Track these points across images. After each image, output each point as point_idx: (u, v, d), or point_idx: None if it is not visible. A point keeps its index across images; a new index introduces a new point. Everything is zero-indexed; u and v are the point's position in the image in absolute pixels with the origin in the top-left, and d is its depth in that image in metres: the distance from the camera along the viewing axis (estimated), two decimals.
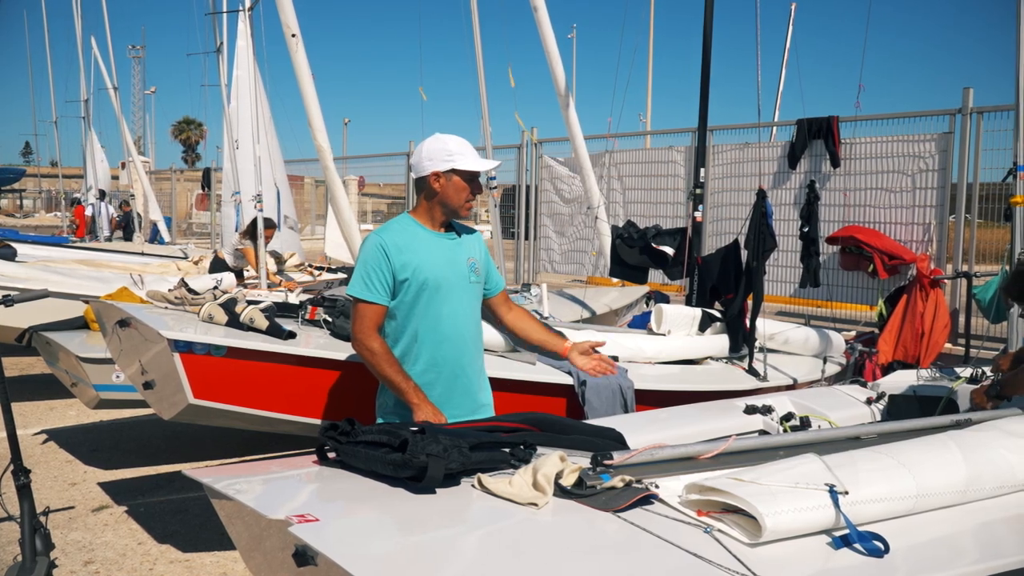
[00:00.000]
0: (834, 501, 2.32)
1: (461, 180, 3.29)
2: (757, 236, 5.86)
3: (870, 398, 4.29)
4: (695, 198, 7.34)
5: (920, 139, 8.92)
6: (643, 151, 12.25)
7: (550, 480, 2.38)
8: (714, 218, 10.75)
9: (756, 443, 3.04)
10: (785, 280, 9.97)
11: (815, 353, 6.32)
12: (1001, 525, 2.66)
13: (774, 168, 10.04)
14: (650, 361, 5.71)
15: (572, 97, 8.35)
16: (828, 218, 9.37)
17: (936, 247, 8.73)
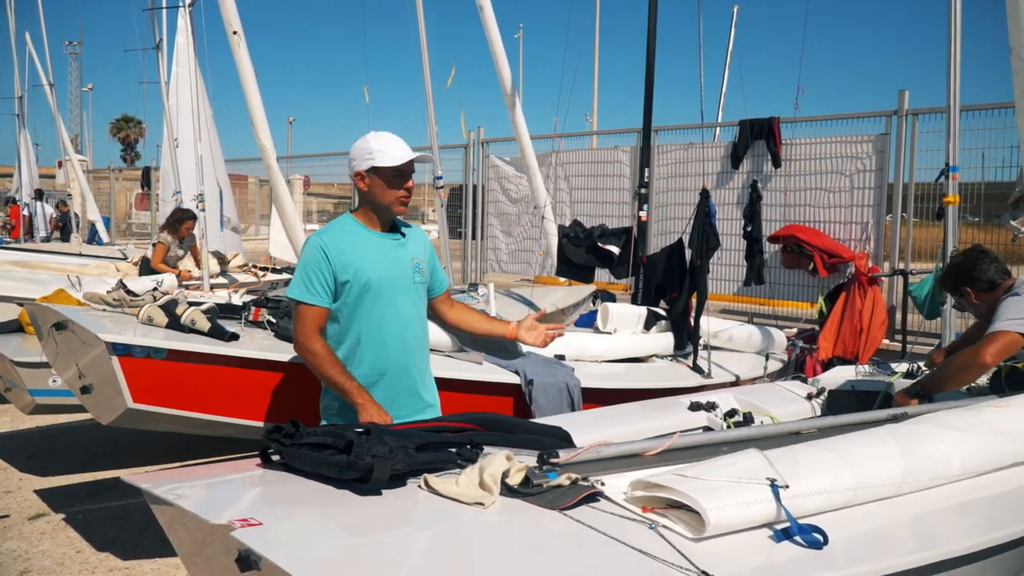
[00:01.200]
0: (775, 495, 2.36)
1: (384, 177, 3.24)
2: (701, 235, 5.94)
3: (810, 393, 4.38)
4: (640, 198, 7.41)
5: (858, 140, 9.12)
6: (589, 151, 12.32)
7: (496, 479, 2.38)
8: (659, 217, 10.85)
9: (700, 439, 3.08)
10: (729, 278, 10.12)
11: (758, 350, 6.43)
12: (936, 516, 2.73)
13: (717, 168, 10.18)
14: (596, 360, 5.76)
15: (519, 97, 8.36)
16: (770, 217, 9.53)
17: (873, 245, 8.93)
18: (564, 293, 9.43)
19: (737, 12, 22.48)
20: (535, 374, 4.98)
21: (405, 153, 3.25)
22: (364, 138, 3.27)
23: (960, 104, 4.58)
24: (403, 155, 3.24)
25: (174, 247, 9.44)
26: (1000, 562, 2.76)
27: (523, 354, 5.32)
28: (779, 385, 4.64)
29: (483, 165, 13.43)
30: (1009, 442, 3.17)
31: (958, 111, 4.54)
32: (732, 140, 10.06)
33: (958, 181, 4.52)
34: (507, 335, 3.64)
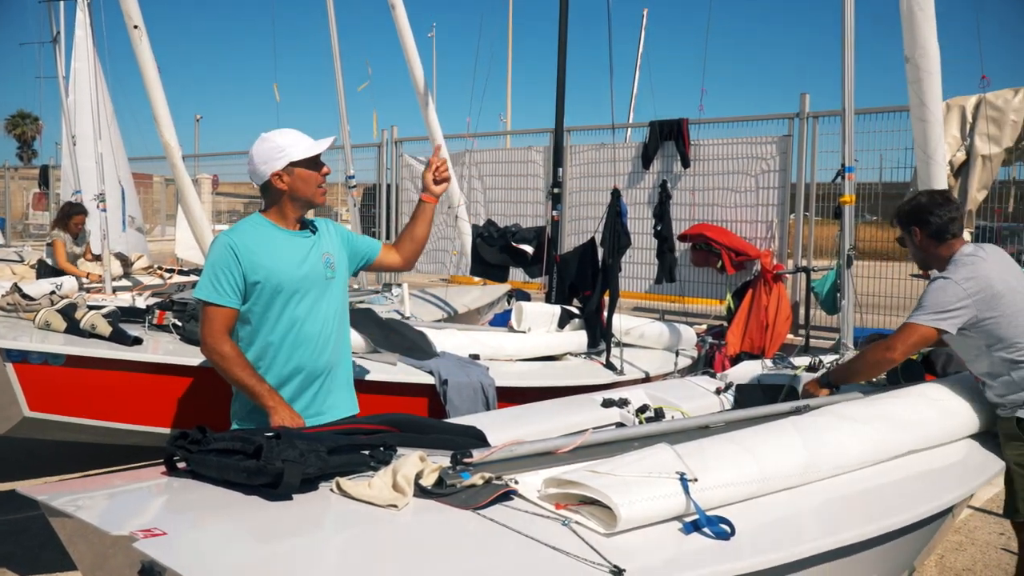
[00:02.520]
0: (684, 488, 2.42)
1: (304, 170, 3.20)
2: (612, 234, 6.02)
3: (719, 388, 4.49)
4: (553, 197, 7.46)
5: (762, 141, 9.40)
6: (503, 151, 12.35)
7: (410, 481, 2.37)
8: (572, 217, 10.96)
9: (612, 435, 3.12)
10: (640, 276, 10.29)
11: (668, 346, 6.55)
12: (837, 504, 2.84)
13: (629, 168, 10.34)
14: (511, 358, 5.78)
15: (432, 96, 8.32)
16: (679, 216, 9.73)
17: (778, 243, 9.22)
18: (479, 293, 9.46)
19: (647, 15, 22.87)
20: (449, 374, 4.96)
21: (315, 142, 3.24)
22: (266, 139, 3.20)
23: (855, 107, 4.74)
24: (314, 144, 3.22)
25: (70, 244, 9.05)
26: (898, 546, 2.89)
27: (438, 354, 5.30)
28: (689, 380, 4.73)
29: (397, 164, 13.33)
30: (903, 432, 3.32)
31: (852, 114, 4.71)
32: (643, 141, 10.22)
33: (854, 181, 4.69)
34: (426, 201, 3.53)
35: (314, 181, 3.23)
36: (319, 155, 3.24)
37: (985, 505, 5.19)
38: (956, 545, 4.61)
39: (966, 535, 4.75)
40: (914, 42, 4.70)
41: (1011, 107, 7.52)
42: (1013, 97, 7.55)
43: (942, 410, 3.59)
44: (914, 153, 5.15)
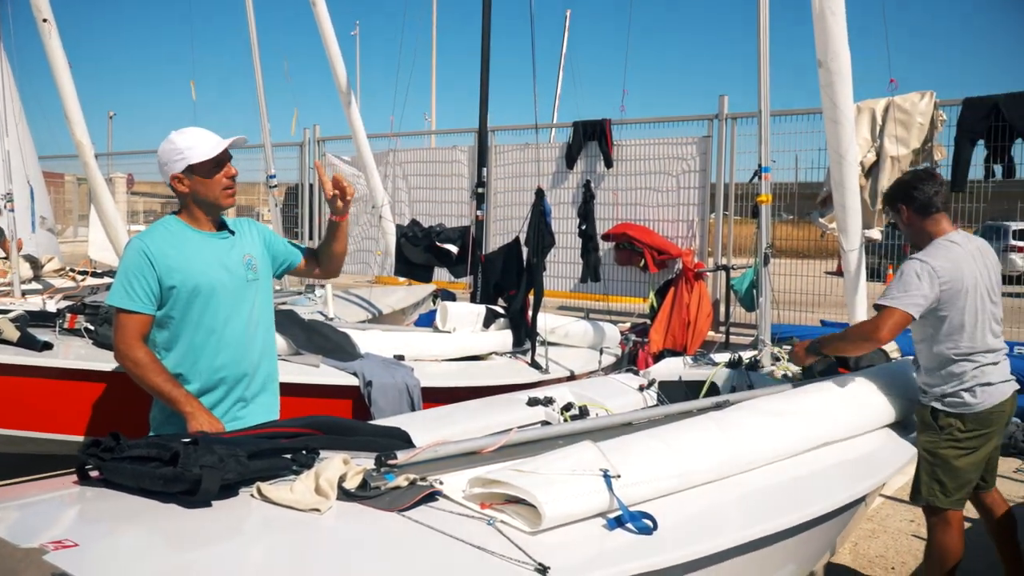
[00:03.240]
0: (608, 485, 2.45)
1: (203, 173, 3.09)
2: (536, 234, 6.06)
3: (642, 385, 4.56)
4: (478, 197, 7.47)
5: (683, 142, 9.57)
6: (427, 150, 12.31)
7: (333, 484, 2.33)
8: (497, 217, 10.98)
9: (537, 434, 3.14)
10: (565, 276, 10.37)
11: (593, 345, 6.62)
12: (756, 496, 2.91)
13: (553, 168, 10.41)
14: (436, 359, 5.77)
15: (355, 95, 8.24)
16: (603, 216, 9.84)
17: (699, 242, 9.41)
18: (404, 293, 9.40)
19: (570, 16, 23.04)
20: (374, 375, 4.92)
21: (216, 143, 3.10)
22: (168, 140, 3.10)
23: (770, 109, 4.87)
24: (215, 146, 3.08)
25: None
26: (814, 535, 2.98)
27: (362, 355, 5.25)
28: (613, 378, 4.79)
29: None
30: (818, 424, 3.43)
31: (768, 116, 4.84)
32: (566, 141, 10.31)
33: (770, 181, 4.82)
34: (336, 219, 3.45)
35: (217, 184, 3.11)
36: (224, 155, 3.11)
37: (896, 494, 5.39)
38: (869, 532, 4.77)
39: (878, 523, 4.92)
40: (826, 46, 4.85)
41: (918, 110, 7.83)
42: (919, 100, 7.86)
43: (856, 403, 3.71)
44: (827, 154, 5.31)
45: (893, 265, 10.48)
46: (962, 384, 3.52)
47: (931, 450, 3.58)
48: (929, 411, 3.59)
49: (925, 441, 3.61)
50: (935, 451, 3.57)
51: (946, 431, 3.55)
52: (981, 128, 7.74)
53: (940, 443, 3.56)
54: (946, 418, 3.54)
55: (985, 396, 3.52)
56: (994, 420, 3.56)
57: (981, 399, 3.52)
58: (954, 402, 3.53)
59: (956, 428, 3.53)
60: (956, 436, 3.54)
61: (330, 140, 13.21)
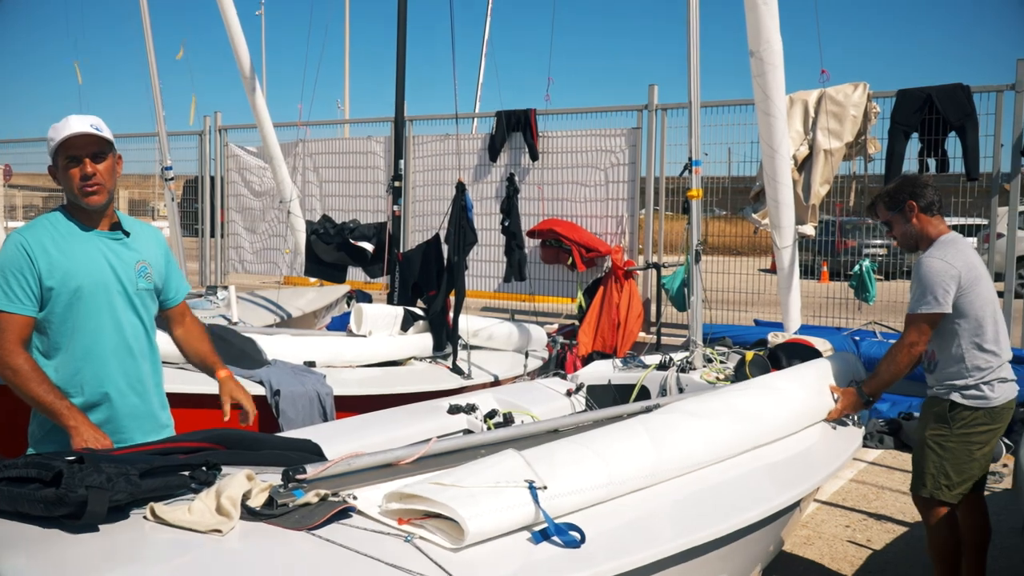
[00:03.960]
0: (533, 497, 2.46)
1: (62, 163, 2.97)
2: (458, 230, 6.04)
3: (570, 390, 4.60)
4: (394, 191, 7.42)
5: (611, 134, 9.68)
6: (340, 140, 12.17)
7: (236, 502, 2.29)
8: (415, 212, 10.94)
9: (457, 443, 3.14)
10: (488, 275, 10.39)
11: (518, 348, 6.65)
12: (686, 504, 2.96)
13: (475, 161, 10.42)
14: (351, 365, 5.72)
15: (260, 80, 8.10)
16: (528, 212, 9.89)
17: (628, 239, 9.53)
18: (314, 295, 9.30)
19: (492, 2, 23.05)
20: (282, 383, 4.85)
21: (66, 127, 2.93)
22: (52, 127, 3.00)
23: (701, 100, 4.97)
24: (64, 130, 2.93)
25: None
26: (747, 543, 3.04)
27: (269, 362, 5.17)
28: (539, 383, 4.82)
29: (222, 155, 12.88)
30: (749, 425, 3.52)
31: (698, 107, 4.93)
32: (489, 132, 10.32)
33: (700, 175, 4.91)
34: (215, 376, 3.40)
35: (72, 179, 2.97)
36: (71, 143, 2.94)
37: (831, 499, 5.55)
38: (804, 539, 4.91)
39: (813, 529, 5.06)
40: (758, 36, 4.98)
41: (851, 102, 8.08)
42: (853, 92, 8.11)
43: (786, 400, 3.83)
44: (760, 147, 5.45)
45: (827, 262, 10.78)
46: (984, 378, 3.71)
47: (941, 443, 3.76)
48: (948, 405, 3.76)
49: (935, 435, 3.78)
50: (945, 444, 3.75)
51: (960, 424, 3.73)
52: (915, 121, 8.05)
53: (951, 437, 3.74)
54: (964, 411, 3.73)
55: (1001, 391, 3.74)
56: (1004, 416, 3.79)
57: (998, 393, 3.73)
58: (975, 395, 3.72)
59: (972, 421, 3.72)
60: (971, 430, 3.73)
61: (233, 129, 12.94)
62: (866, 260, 8.15)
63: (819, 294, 9.07)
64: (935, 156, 8.17)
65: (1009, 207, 8.09)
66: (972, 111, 7.86)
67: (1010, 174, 8.00)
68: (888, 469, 6.19)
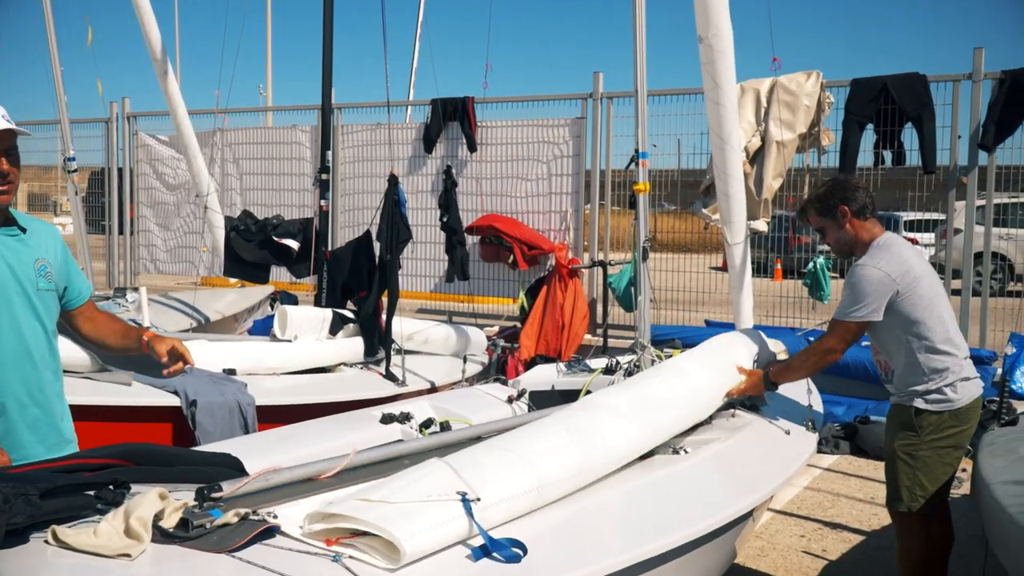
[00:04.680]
0: (467, 510, 2.46)
1: None
2: (390, 227, 6.03)
3: (511, 396, 4.62)
4: (322, 184, 7.37)
5: (554, 124, 9.74)
6: (263, 130, 12.05)
7: (147, 524, 2.26)
8: (345, 207, 10.88)
9: (380, 454, 3.16)
10: (424, 274, 10.37)
11: (456, 352, 6.66)
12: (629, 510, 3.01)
13: (409, 152, 10.39)
14: (274, 372, 5.70)
15: (174, 63, 7.99)
16: (467, 207, 9.90)
17: (573, 236, 9.59)
18: (235, 296, 9.21)
19: None
20: (199, 393, 4.80)
21: None
22: None
23: (648, 88, 5.01)
24: None
25: None
26: (702, 554, 3.08)
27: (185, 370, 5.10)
28: (479, 389, 4.84)
29: (131, 144, 12.64)
30: (666, 411, 3.59)
31: (645, 95, 4.97)
32: (424, 121, 10.30)
33: (648, 168, 4.95)
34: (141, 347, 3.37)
35: None
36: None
37: (785, 507, 5.66)
38: (758, 551, 4.99)
39: (767, 539, 5.15)
40: (707, 22, 5.05)
41: (804, 91, 8.24)
42: (806, 81, 8.28)
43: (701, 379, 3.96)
44: (709, 138, 5.52)
45: (780, 259, 10.97)
46: (944, 380, 3.80)
47: (912, 453, 3.85)
48: (912, 412, 3.84)
49: (904, 445, 3.87)
50: (915, 454, 3.84)
51: (928, 431, 3.82)
52: (870, 111, 8.24)
53: (921, 445, 3.83)
54: (930, 417, 3.82)
55: (965, 391, 3.84)
56: (972, 416, 3.89)
57: (962, 394, 3.83)
58: (938, 399, 3.81)
59: (940, 426, 3.82)
60: (939, 435, 3.83)
61: (143, 116, 12.72)
62: (820, 257, 8.27)
63: (772, 293, 9.22)
64: (891, 148, 8.38)
65: (966, 201, 8.30)
66: (929, 101, 8.07)
67: (968, 167, 8.22)
68: (844, 475, 6.33)
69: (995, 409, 4.85)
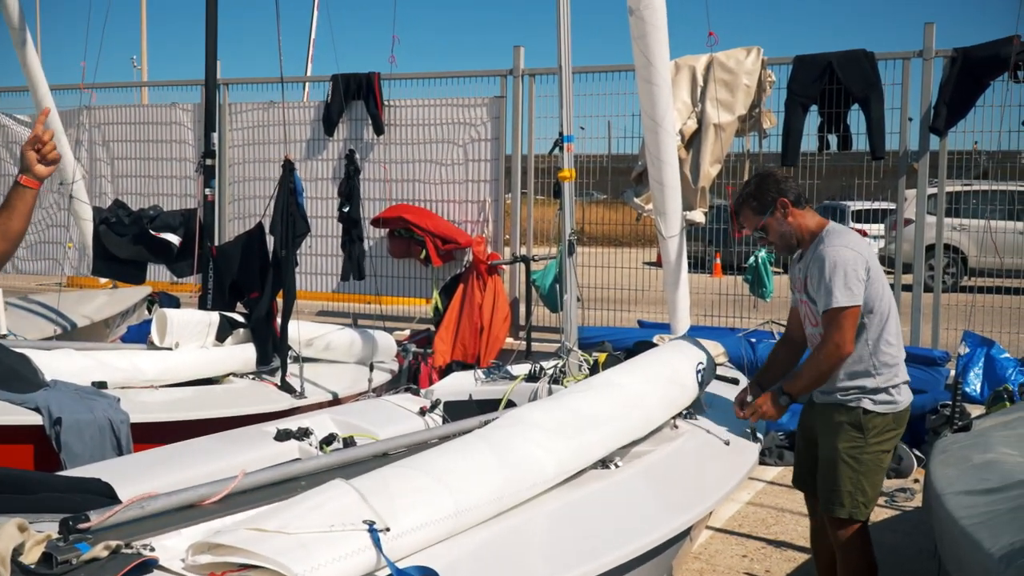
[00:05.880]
0: (375, 541, 2.45)
1: None
2: (285, 219, 5.97)
3: (424, 408, 4.60)
4: (206, 170, 7.26)
5: (471, 103, 9.74)
6: (137, 108, 11.82)
7: (4, 560, 2.22)
8: (234, 196, 10.75)
9: (272, 475, 3.14)
10: (325, 272, 10.29)
11: (361, 359, 6.64)
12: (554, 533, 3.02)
13: (306, 134, 10.30)
14: (152, 384, 5.63)
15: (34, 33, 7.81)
16: (372, 196, 9.85)
17: (492, 228, 9.60)
18: (106, 299, 9.08)
19: None
20: (64, 410, 4.72)
21: None
22: None
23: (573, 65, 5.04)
24: None
25: None
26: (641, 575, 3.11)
27: (47, 383, 5.00)
28: (388, 400, 4.82)
29: None
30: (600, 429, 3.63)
31: (570, 73, 5.01)
32: (324, 100, 10.22)
33: (574, 153, 4.99)
34: (26, 186, 3.21)
35: None
36: None
37: (726, 525, 5.76)
38: (696, 573, 5.07)
39: (706, 560, 5.24)
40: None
41: (743, 69, 8.39)
42: (745, 58, 8.42)
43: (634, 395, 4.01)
44: (641, 120, 5.58)
45: (720, 254, 11.15)
46: (891, 381, 4.01)
47: (856, 456, 3.98)
48: (859, 412, 3.98)
49: (850, 448, 3.99)
50: (860, 457, 3.98)
51: (874, 433, 3.99)
52: (814, 92, 8.42)
53: (867, 448, 3.99)
54: (876, 418, 3.99)
55: (906, 393, 4.08)
56: (905, 419, 4.12)
57: (904, 397, 4.06)
58: (885, 399, 4.00)
59: (884, 428, 4.00)
60: (883, 437, 4.01)
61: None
62: (762, 251, 8.36)
63: (711, 290, 9.37)
64: (836, 132, 8.58)
65: (917, 190, 8.53)
66: (877, 81, 8.27)
67: (918, 152, 8.45)
68: (788, 488, 6.43)
69: (948, 414, 5.01)
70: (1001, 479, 3.43)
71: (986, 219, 9.03)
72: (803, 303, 4.14)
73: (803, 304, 4.14)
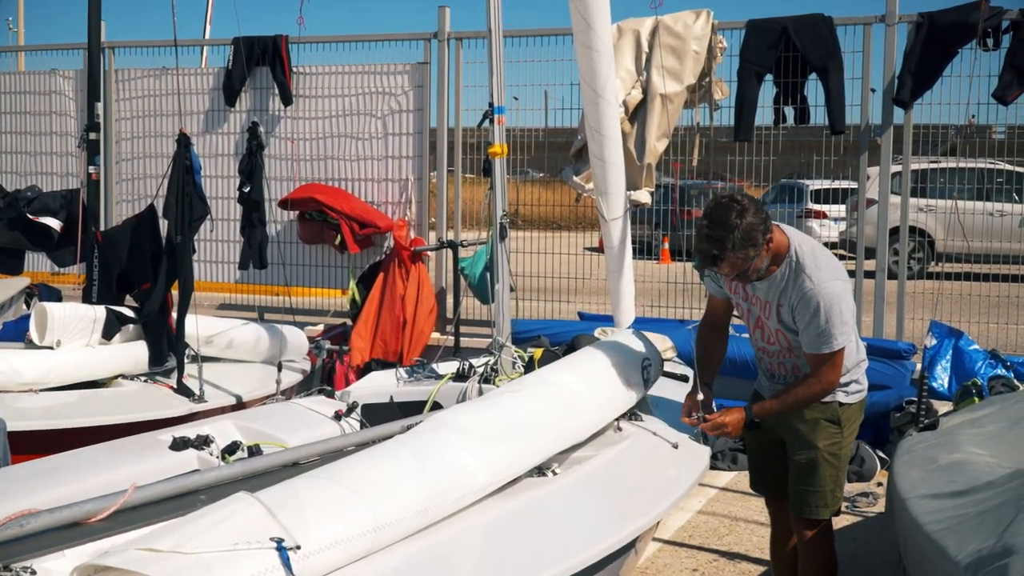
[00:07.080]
0: (284, 560, 2.45)
1: None
2: (180, 200, 5.92)
3: (340, 411, 4.61)
4: (90, 146, 7.16)
5: (391, 71, 9.70)
6: (12, 75, 11.62)
7: None
8: (123, 175, 10.61)
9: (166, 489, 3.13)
10: (228, 260, 10.20)
11: (269, 358, 6.61)
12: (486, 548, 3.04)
13: (204, 105, 10.20)
14: (31, 388, 5.59)
15: None
16: (279, 174, 9.77)
17: (416, 210, 9.58)
18: None
19: None
20: None
21: None
22: None
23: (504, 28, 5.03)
24: None
25: None
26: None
27: None
28: (298, 403, 4.81)
29: None
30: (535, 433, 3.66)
31: (500, 36, 5.00)
32: (224, 66, 10.12)
33: (505, 126, 4.99)
34: None
35: None
36: None
37: (675, 536, 5.82)
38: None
39: (654, 575, 5.30)
40: None
41: (692, 34, 8.44)
42: (694, 22, 8.47)
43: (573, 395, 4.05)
44: (580, 90, 5.60)
45: (668, 238, 11.21)
46: (859, 368, 4.19)
47: (836, 452, 4.13)
48: (835, 406, 4.13)
49: (829, 445, 4.11)
50: (838, 452, 4.14)
51: (848, 424, 4.17)
52: (769, 60, 8.50)
53: (842, 440, 4.15)
54: (849, 409, 4.16)
55: (865, 377, 4.27)
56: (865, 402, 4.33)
57: (866, 380, 4.27)
58: (857, 388, 4.19)
59: (854, 417, 4.20)
60: (853, 427, 4.21)
61: None
62: None
63: (658, 278, 9.42)
64: (793, 104, 8.67)
65: (880, 167, 8.65)
66: (836, 48, 8.36)
67: (882, 126, 8.56)
68: (743, 495, 6.54)
69: (913, 411, 5.12)
70: (969, 481, 3.50)
71: (954, 199, 9.16)
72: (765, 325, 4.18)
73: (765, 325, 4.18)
